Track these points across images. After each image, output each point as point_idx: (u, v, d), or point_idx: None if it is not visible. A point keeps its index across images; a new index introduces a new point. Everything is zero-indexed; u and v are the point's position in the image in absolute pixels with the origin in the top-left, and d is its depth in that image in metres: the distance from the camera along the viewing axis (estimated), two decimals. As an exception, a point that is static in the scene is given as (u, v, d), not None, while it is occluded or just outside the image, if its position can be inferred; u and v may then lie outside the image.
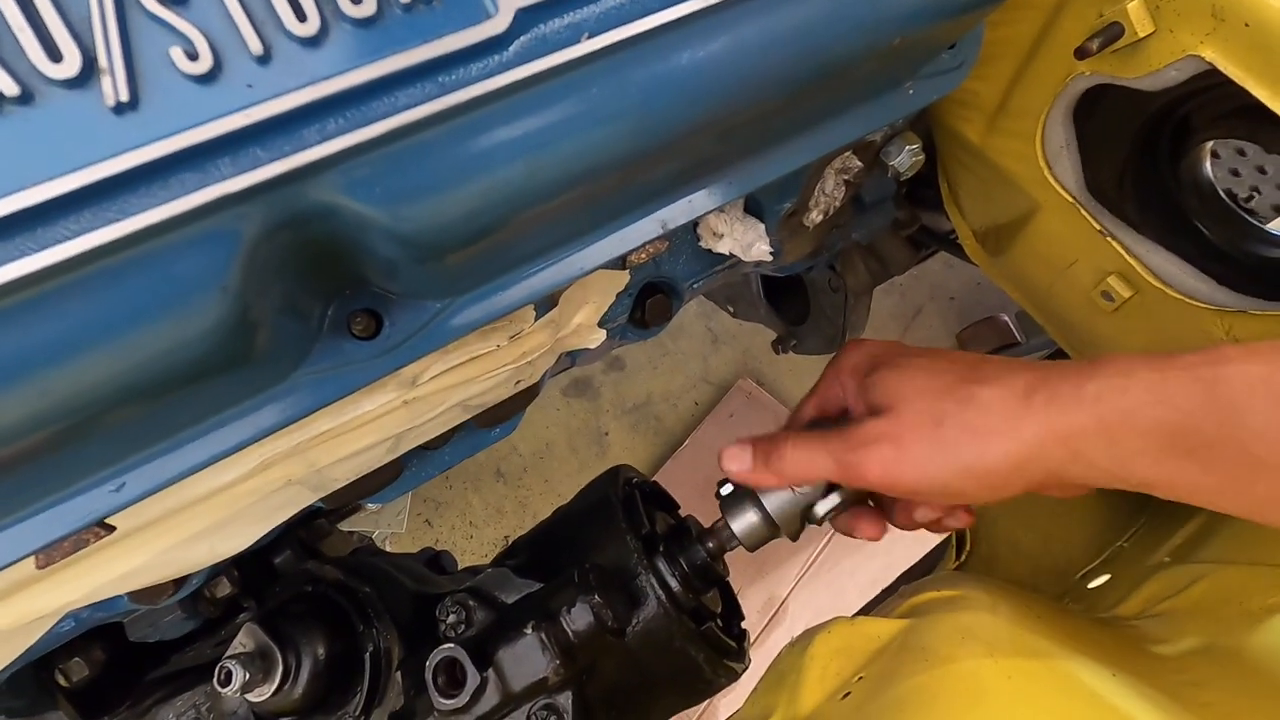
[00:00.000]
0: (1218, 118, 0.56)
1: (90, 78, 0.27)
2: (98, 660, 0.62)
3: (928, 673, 0.43)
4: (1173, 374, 0.36)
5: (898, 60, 0.47)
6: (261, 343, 0.35)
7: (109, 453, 0.36)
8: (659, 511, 0.64)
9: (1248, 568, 0.58)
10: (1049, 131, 0.61)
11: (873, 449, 0.45)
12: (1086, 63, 0.55)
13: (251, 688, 0.54)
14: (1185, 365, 0.36)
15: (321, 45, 0.30)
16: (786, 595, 1.51)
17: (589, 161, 0.36)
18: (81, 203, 0.27)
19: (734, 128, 0.41)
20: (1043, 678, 0.44)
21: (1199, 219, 0.61)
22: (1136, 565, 0.69)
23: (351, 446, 0.49)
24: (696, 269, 0.66)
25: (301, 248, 0.33)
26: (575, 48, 0.33)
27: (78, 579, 0.44)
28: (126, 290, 0.29)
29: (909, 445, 0.44)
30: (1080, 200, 0.63)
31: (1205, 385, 0.35)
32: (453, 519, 1.63)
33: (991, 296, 1.80)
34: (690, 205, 0.46)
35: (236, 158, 0.29)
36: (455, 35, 0.31)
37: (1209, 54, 0.48)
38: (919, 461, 0.43)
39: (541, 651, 0.51)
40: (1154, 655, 0.53)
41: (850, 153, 0.63)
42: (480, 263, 0.40)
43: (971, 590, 0.57)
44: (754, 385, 1.70)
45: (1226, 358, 0.36)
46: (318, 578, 0.63)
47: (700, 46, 0.35)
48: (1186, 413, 0.36)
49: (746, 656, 0.61)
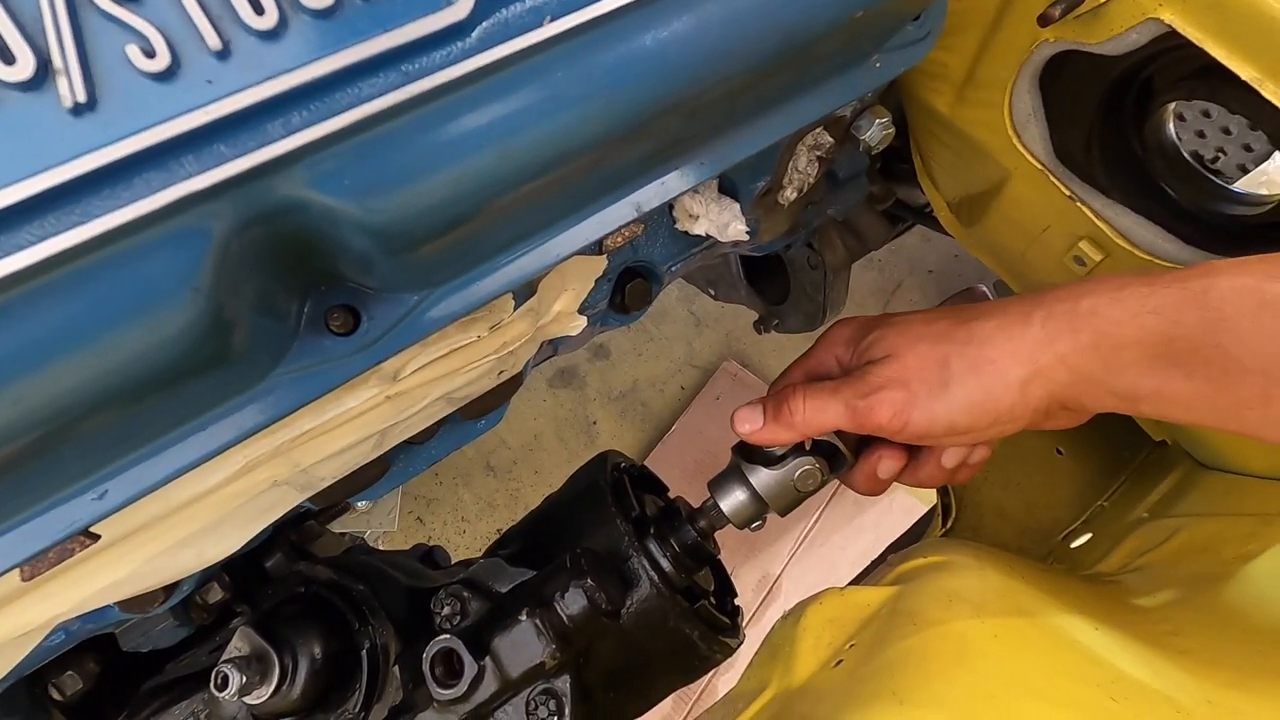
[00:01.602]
0: (1179, 80, 0.57)
1: (45, 79, 0.27)
2: (91, 672, 0.62)
3: (916, 635, 0.44)
4: (1162, 286, 0.38)
5: (862, 33, 0.48)
6: (238, 342, 0.34)
7: (89, 460, 0.35)
8: (648, 494, 0.65)
9: (1222, 519, 0.60)
10: (1016, 100, 0.62)
11: (883, 394, 0.46)
12: (1050, 30, 0.55)
13: (249, 691, 0.54)
14: (1176, 278, 0.37)
15: (281, 38, 0.30)
16: (780, 572, 1.53)
17: (558, 146, 0.36)
18: (43, 207, 0.27)
19: (702, 106, 0.41)
20: (1028, 635, 0.46)
21: (1165, 180, 0.62)
22: (1117, 523, 0.71)
23: (336, 444, 0.49)
24: (674, 251, 0.66)
25: (272, 244, 0.32)
26: (538, 31, 0.33)
27: (65, 590, 0.43)
28: (95, 294, 0.28)
29: (916, 388, 0.45)
30: (1049, 167, 0.64)
31: (1194, 294, 0.36)
32: (444, 515, 1.63)
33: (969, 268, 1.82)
34: (663, 187, 0.46)
35: (200, 155, 0.29)
36: (416, 23, 0.31)
37: (1168, 16, 0.48)
38: (927, 403, 0.44)
39: (537, 637, 0.51)
40: (1135, 607, 0.54)
41: (821, 129, 0.63)
42: (455, 253, 0.40)
43: (957, 555, 0.58)
44: (739, 367, 1.71)
45: (1216, 270, 0.37)
46: (310, 578, 0.63)
47: (663, 26, 0.35)
48: (1174, 320, 0.37)
49: (741, 632, 0.62)
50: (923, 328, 0.47)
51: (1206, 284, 0.36)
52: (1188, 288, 0.37)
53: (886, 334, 0.49)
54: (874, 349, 0.49)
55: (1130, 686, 0.41)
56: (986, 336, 0.43)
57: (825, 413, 0.49)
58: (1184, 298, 0.37)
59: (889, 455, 0.53)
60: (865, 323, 0.53)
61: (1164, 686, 0.42)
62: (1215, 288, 0.36)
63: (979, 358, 0.43)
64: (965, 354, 0.44)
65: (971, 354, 0.43)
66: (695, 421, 1.64)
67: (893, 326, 0.49)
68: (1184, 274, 0.38)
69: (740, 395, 1.68)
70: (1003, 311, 0.44)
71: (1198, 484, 0.68)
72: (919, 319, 0.49)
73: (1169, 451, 0.75)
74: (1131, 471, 0.78)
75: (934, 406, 0.44)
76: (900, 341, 0.47)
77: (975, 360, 0.43)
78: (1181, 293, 0.37)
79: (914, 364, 0.46)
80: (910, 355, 0.46)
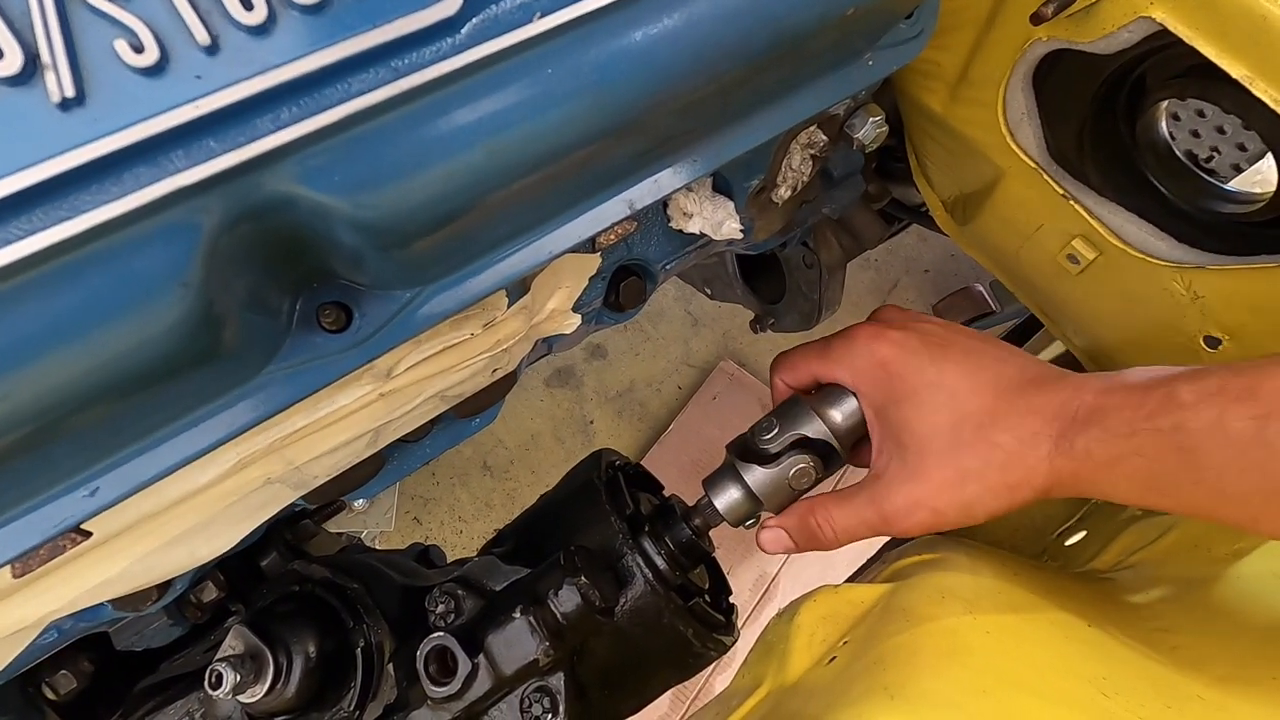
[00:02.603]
0: (1171, 78, 0.57)
1: (33, 74, 0.27)
2: (85, 672, 0.61)
3: (908, 631, 0.45)
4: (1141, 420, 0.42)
5: (854, 31, 0.48)
6: (228, 338, 0.34)
7: (80, 457, 0.35)
8: (643, 493, 0.65)
9: (1214, 516, 0.60)
10: (1010, 99, 0.62)
11: (911, 516, 0.50)
12: (1042, 28, 0.56)
13: (243, 689, 0.54)
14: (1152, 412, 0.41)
15: (270, 33, 0.30)
16: (777, 572, 1.53)
17: (549, 142, 0.36)
18: (31, 202, 0.27)
19: (693, 103, 0.41)
20: (1020, 631, 0.46)
21: (1157, 179, 0.62)
22: (1110, 521, 0.71)
23: (330, 442, 0.49)
24: (669, 250, 0.66)
25: (263, 240, 0.32)
26: (528, 27, 0.33)
27: (57, 588, 0.43)
28: (84, 289, 0.28)
29: (942, 510, 0.49)
30: (1042, 165, 0.64)
31: (1167, 436, 0.40)
32: (441, 515, 1.63)
33: (965, 267, 1.82)
34: (656, 184, 0.46)
35: (189, 150, 0.29)
36: (406, 19, 0.31)
37: (1159, 15, 0.49)
38: (951, 520, 0.49)
39: (531, 634, 0.51)
40: (1128, 605, 0.54)
41: (815, 127, 0.63)
42: (447, 250, 0.40)
43: (951, 553, 0.58)
44: (736, 366, 1.71)
45: (1181, 403, 0.40)
46: (305, 577, 0.63)
47: (653, 22, 0.35)
48: (1156, 459, 0.41)
49: (735, 629, 0.62)
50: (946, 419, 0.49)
51: (1175, 422, 0.40)
52: (1160, 429, 0.41)
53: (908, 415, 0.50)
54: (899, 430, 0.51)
55: (1121, 682, 0.41)
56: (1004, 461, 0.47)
57: (857, 532, 0.53)
58: (1161, 441, 0.40)
59: None
60: (885, 359, 0.53)
61: (1154, 682, 0.42)
62: (1185, 429, 0.40)
63: (998, 483, 0.47)
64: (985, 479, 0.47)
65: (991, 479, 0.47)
66: (692, 421, 1.65)
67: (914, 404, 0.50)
68: (1151, 411, 0.41)
69: (737, 394, 1.68)
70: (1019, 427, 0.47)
71: (1191, 481, 0.68)
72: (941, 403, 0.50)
73: (1163, 449, 0.75)
74: (1126, 469, 0.78)
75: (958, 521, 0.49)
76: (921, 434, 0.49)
77: (994, 486, 0.47)
78: (1157, 435, 0.41)
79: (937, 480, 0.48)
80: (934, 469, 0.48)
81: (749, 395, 1.68)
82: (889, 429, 0.52)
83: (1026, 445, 0.46)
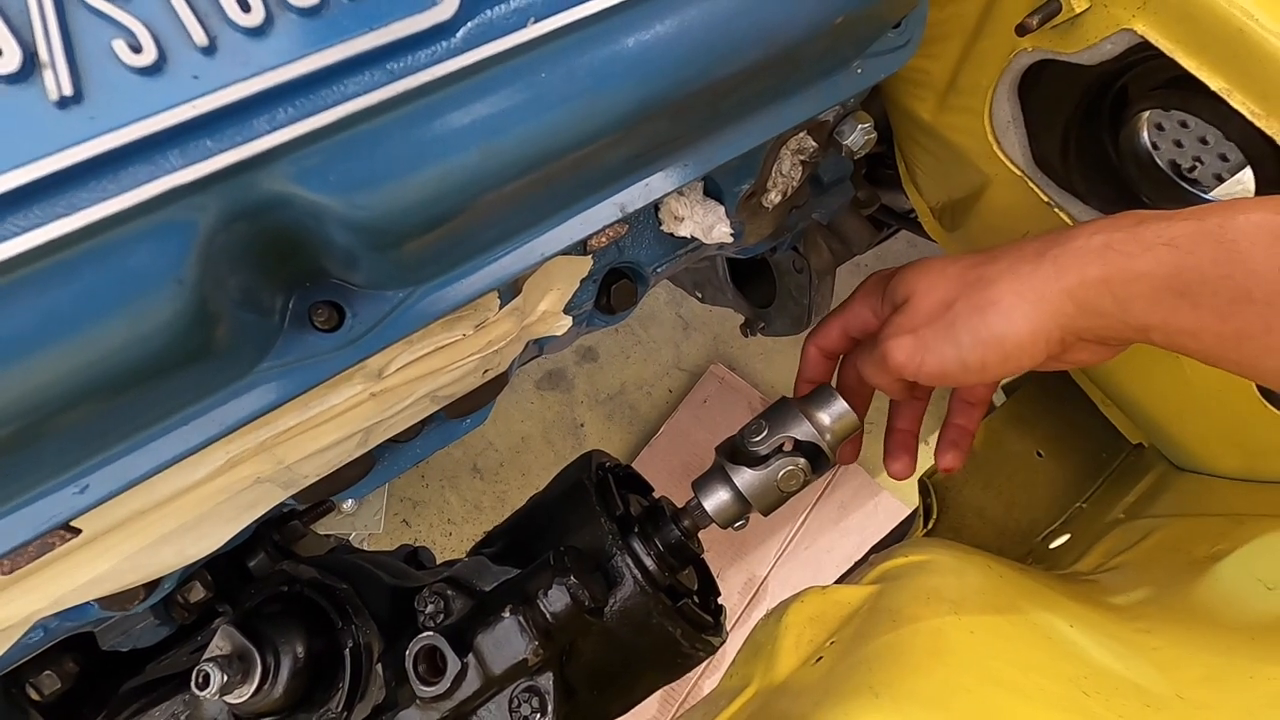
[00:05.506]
0: (1153, 89, 0.58)
1: (31, 73, 0.27)
2: (70, 672, 0.61)
3: (895, 631, 0.45)
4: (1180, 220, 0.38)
5: (843, 39, 0.49)
6: (221, 337, 0.35)
7: (71, 453, 0.35)
8: (632, 494, 0.65)
9: (1194, 519, 0.61)
10: (996, 107, 0.63)
11: (898, 340, 0.48)
12: (1027, 39, 0.57)
13: (230, 690, 0.54)
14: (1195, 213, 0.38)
15: (267, 35, 0.30)
16: (766, 574, 1.54)
17: (542, 145, 0.36)
18: (29, 198, 0.27)
19: (685, 109, 0.41)
20: (1004, 631, 0.46)
21: (1139, 188, 0.64)
22: (1094, 524, 0.72)
23: (320, 441, 0.49)
24: (659, 253, 0.66)
25: (257, 239, 0.33)
26: (522, 32, 0.33)
27: (44, 585, 0.43)
28: (79, 286, 0.28)
29: (924, 332, 0.47)
30: (1028, 173, 0.65)
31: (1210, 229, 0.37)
32: (431, 517, 1.62)
33: (954, 274, 1.83)
34: (647, 188, 0.47)
35: (186, 149, 0.29)
36: (402, 22, 0.31)
37: (1141, 27, 0.50)
38: (937, 345, 0.47)
39: (520, 634, 0.51)
40: (1110, 605, 0.55)
41: (805, 133, 0.64)
42: (439, 250, 0.40)
43: (938, 554, 0.59)
44: (726, 370, 1.72)
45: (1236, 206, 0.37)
46: (294, 577, 0.63)
47: (646, 28, 0.36)
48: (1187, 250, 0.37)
49: (724, 630, 0.62)
50: (938, 273, 0.49)
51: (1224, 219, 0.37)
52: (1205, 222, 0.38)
53: (906, 275, 0.51)
54: (897, 292, 0.52)
55: (1102, 681, 0.42)
56: (994, 277, 0.45)
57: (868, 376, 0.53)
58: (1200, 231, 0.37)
59: None
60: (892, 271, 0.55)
61: (1136, 681, 0.42)
62: (1232, 222, 0.37)
63: (983, 299, 0.44)
64: (971, 296, 0.45)
65: (977, 296, 0.45)
66: (682, 424, 1.65)
67: (913, 267, 0.51)
68: (1203, 209, 0.39)
69: (728, 398, 1.69)
70: (1017, 251, 0.45)
71: (1172, 485, 0.69)
72: (938, 260, 0.50)
73: (1146, 454, 0.76)
74: (1109, 474, 0.79)
75: (943, 349, 0.46)
76: (918, 284, 0.50)
77: (979, 302, 0.45)
78: (1199, 226, 0.37)
79: (924, 309, 0.48)
80: (922, 301, 0.48)
81: (739, 399, 1.68)
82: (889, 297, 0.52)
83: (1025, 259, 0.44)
